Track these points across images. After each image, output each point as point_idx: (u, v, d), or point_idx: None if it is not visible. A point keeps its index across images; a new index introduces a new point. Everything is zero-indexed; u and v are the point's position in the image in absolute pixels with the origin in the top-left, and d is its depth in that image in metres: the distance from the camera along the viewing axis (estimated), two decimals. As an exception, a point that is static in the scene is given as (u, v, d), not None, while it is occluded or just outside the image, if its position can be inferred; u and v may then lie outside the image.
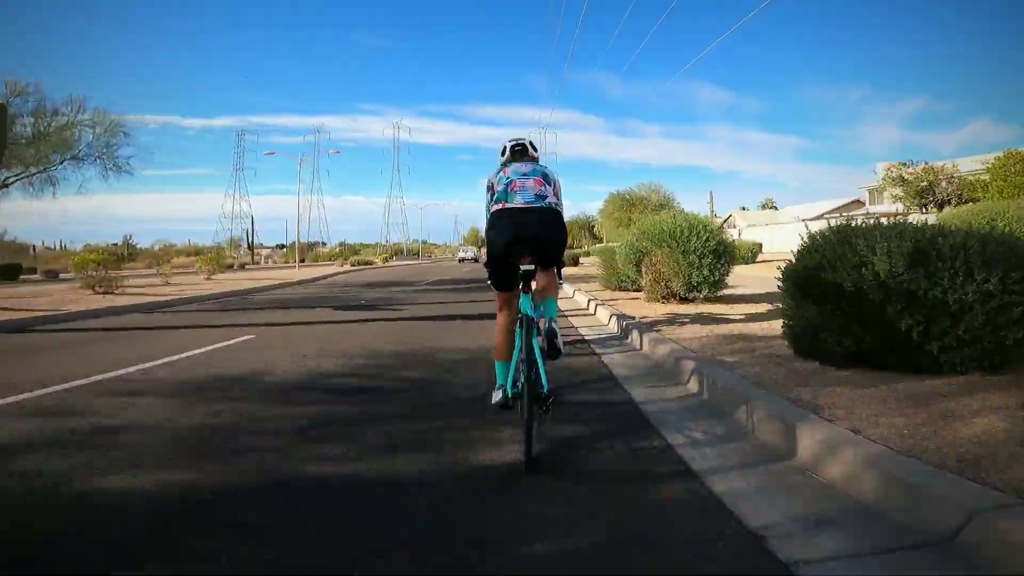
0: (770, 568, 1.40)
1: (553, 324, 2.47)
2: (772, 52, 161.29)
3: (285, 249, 69.74)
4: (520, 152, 2.80)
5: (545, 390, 2.18)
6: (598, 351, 4.66)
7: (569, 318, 6.75)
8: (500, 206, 2.48)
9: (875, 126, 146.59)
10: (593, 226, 70.91)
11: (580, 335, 5.55)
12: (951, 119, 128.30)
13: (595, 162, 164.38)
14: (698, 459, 2.15)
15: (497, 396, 2.47)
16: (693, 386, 3.22)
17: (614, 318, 5.85)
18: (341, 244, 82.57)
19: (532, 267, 2.38)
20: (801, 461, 2.04)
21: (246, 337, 5.74)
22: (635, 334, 4.80)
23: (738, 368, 3.22)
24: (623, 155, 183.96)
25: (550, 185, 2.57)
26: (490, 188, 2.66)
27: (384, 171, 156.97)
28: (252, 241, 45.90)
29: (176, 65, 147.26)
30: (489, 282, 2.59)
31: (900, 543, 1.47)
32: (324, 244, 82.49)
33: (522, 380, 2.16)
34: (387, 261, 47.74)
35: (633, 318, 5.64)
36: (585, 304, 8.06)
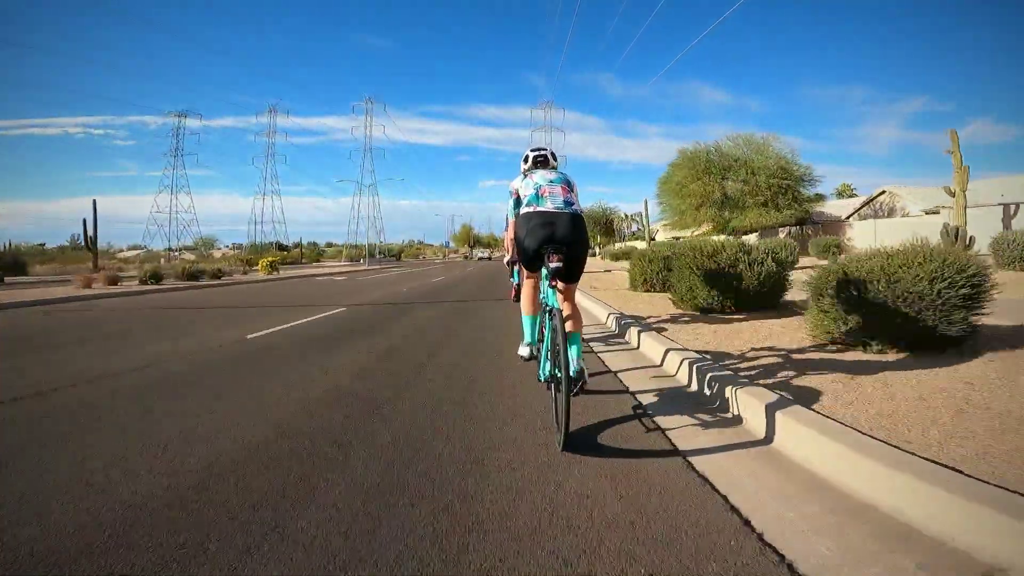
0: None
1: (581, 363, 2.49)
2: (774, 54, 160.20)
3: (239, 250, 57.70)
4: (542, 162, 3.06)
5: (574, 374, 2.39)
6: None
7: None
8: (531, 209, 2.67)
9: (875, 126, 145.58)
10: (611, 220, 58.27)
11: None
12: (952, 119, 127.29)
13: (596, 163, 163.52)
14: None
15: (523, 351, 2.88)
16: None
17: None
18: (296, 244, 67.98)
19: (560, 265, 2.53)
20: None
21: None
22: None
23: None
24: (623, 155, 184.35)
25: (573, 192, 2.78)
26: (514, 193, 2.88)
27: (353, 156, 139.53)
28: (93, 238, 24.38)
29: (175, 67, 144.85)
30: (512, 281, 3.26)
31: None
32: (292, 246, 66.90)
33: (550, 368, 2.45)
34: (275, 270, 24.71)
35: None
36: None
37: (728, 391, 2.82)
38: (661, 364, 3.86)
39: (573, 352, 2.49)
